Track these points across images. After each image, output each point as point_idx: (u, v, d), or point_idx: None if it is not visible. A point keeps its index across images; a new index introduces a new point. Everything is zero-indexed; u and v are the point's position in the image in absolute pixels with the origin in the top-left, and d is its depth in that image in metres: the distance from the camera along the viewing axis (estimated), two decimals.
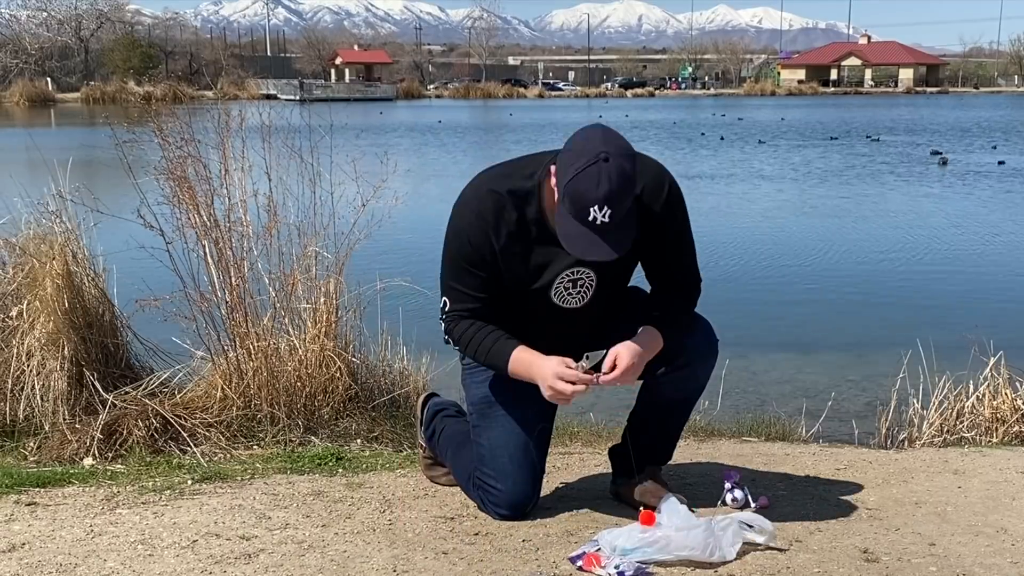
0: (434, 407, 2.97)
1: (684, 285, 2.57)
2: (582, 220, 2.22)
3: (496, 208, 2.41)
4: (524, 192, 2.41)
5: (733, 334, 5.18)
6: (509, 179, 2.43)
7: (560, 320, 2.55)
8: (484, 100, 65.48)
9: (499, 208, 2.41)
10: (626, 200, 2.23)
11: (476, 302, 2.48)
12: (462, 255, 2.45)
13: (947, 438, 3.55)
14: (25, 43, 62.33)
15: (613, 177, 2.19)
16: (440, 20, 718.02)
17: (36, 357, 3.44)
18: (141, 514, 2.67)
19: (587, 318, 2.57)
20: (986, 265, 8.90)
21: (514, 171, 2.46)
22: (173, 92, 24.17)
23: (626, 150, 2.25)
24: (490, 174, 2.49)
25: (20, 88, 52.13)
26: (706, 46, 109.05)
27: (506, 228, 2.41)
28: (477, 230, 2.41)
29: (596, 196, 2.19)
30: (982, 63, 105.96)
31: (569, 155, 2.25)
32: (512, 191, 2.41)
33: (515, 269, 2.46)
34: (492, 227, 2.41)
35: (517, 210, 2.41)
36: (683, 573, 2.31)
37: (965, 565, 2.36)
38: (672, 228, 2.48)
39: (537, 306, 2.52)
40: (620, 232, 2.25)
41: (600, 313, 2.57)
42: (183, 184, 3.38)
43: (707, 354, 2.62)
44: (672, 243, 2.51)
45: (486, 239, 2.42)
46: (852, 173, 16.89)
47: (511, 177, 2.44)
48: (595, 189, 2.19)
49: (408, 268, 3.97)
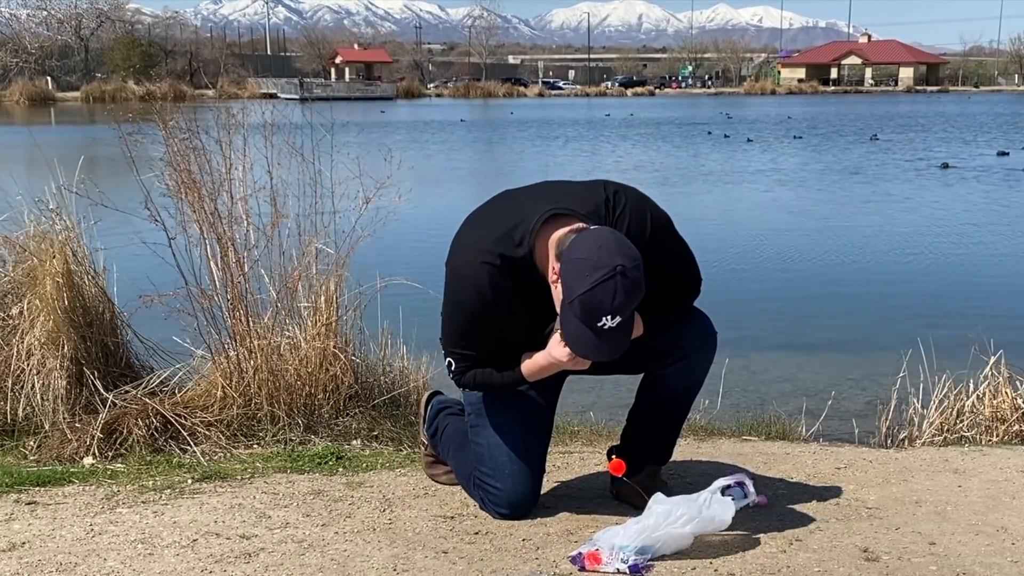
0: (438, 405, 2.98)
1: (683, 284, 2.58)
2: (591, 326, 2.26)
3: (493, 280, 2.40)
4: (518, 260, 2.41)
5: (733, 333, 5.19)
6: (499, 244, 2.41)
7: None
8: (484, 99, 65.47)
9: (495, 279, 2.40)
10: (634, 304, 2.28)
11: (478, 360, 2.54)
12: (464, 326, 2.49)
13: (947, 437, 3.55)
14: (25, 42, 62.29)
15: (629, 291, 2.23)
16: (440, 19, 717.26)
17: (36, 356, 3.44)
18: (141, 513, 2.67)
19: None
20: (986, 264, 8.90)
21: (502, 234, 2.43)
22: (174, 91, 24.17)
23: (637, 259, 2.26)
24: (478, 239, 2.46)
25: (20, 87, 52.12)
26: (706, 45, 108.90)
27: (506, 296, 2.42)
28: (477, 303, 2.43)
29: (611, 308, 2.23)
30: (982, 62, 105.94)
31: (582, 264, 2.24)
32: (505, 258, 2.40)
33: (520, 324, 2.49)
34: (491, 299, 2.42)
35: (513, 277, 2.42)
36: (683, 569, 2.31)
37: (965, 564, 2.36)
38: (662, 255, 2.47)
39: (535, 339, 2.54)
40: (623, 335, 2.30)
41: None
42: (187, 177, 3.38)
43: (706, 346, 2.63)
44: (666, 264, 2.50)
45: (487, 310, 2.43)
46: (853, 173, 16.89)
47: (501, 243, 2.41)
48: (610, 302, 2.23)
49: (409, 267, 3.96)
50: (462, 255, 2.47)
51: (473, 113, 43.70)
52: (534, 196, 2.48)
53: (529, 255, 2.40)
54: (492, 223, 2.48)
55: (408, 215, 4.27)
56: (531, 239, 2.39)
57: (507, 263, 2.40)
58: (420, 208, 10.30)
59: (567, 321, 2.31)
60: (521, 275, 2.41)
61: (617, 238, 2.29)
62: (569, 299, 2.27)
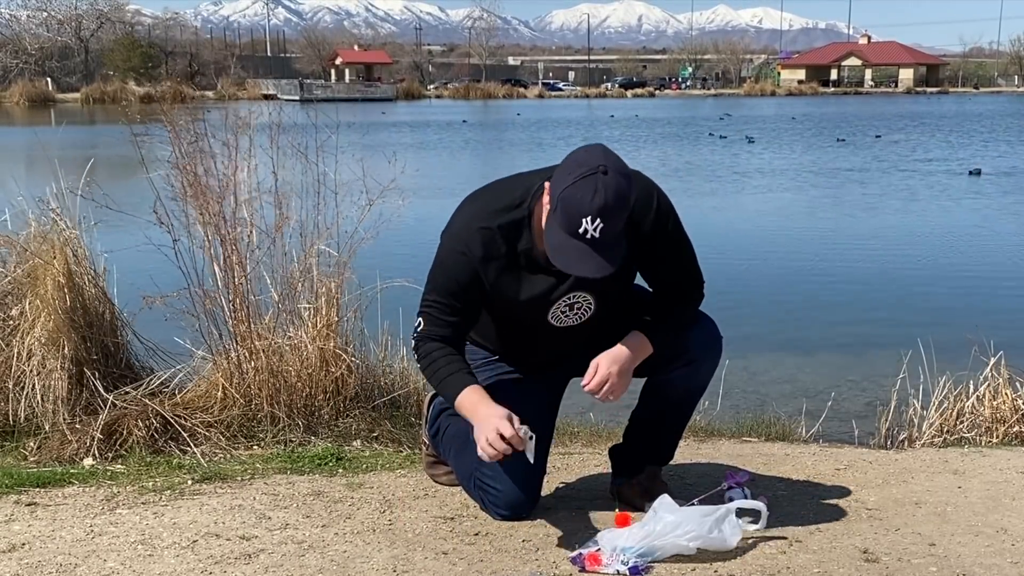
0: (439, 405, 2.97)
1: (685, 287, 2.57)
2: (572, 232, 2.18)
3: (485, 244, 2.38)
4: (514, 223, 2.38)
5: (733, 334, 5.15)
6: (497, 212, 2.39)
7: (556, 336, 2.56)
8: (484, 100, 65.47)
9: (488, 244, 2.38)
10: (619, 218, 2.20)
11: (449, 328, 2.47)
12: (445, 287, 2.44)
13: (947, 438, 3.55)
14: (25, 43, 62.33)
15: (610, 191, 2.16)
16: (440, 20, 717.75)
17: (36, 357, 3.44)
18: (141, 514, 2.67)
19: (584, 332, 2.57)
20: (986, 265, 8.90)
21: (503, 200, 2.41)
22: (175, 92, 24.14)
23: (625, 169, 2.23)
24: (478, 206, 2.45)
25: (20, 88, 52.11)
26: (706, 46, 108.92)
27: (496, 263, 2.40)
28: (463, 266, 2.40)
29: (590, 207, 2.15)
30: (982, 63, 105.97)
31: (567, 165, 2.24)
32: (502, 225, 2.38)
33: (506, 299, 2.46)
34: (480, 263, 2.39)
35: (507, 243, 2.39)
36: (683, 571, 2.31)
37: (965, 565, 2.36)
38: (665, 241, 2.47)
39: (534, 326, 2.53)
40: (610, 251, 2.21)
41: (598, 325, 2.57)
42: (193, 180, 3.38)
43: (712, 350, 2.63)
44: (668, 254, 2.50)
45: (474, 276, 2.41)
46: (852, 173, 16.88)
47: (500, 209, 2.40)
48: (590, 201, 2.15)
49: (409, 268, 3.96)
50: (459, 221, 2.44)
51: (474, 114, 43.70)
52: (538, 171, 2.48)
53: (528, 217, 2.38)
54: (491, 195, 2.48)
55: (409, 216, 4.26)
56: (532, 199, 2.37)
57: (503, 228, 2.37)
58: (420, 208, 10.29)
59: (551, 234, 2.24)
60: (513, 243, 2.38)
61: (606, 149, 2.25)
62: (553, 207, 2.22)
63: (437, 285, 2.46)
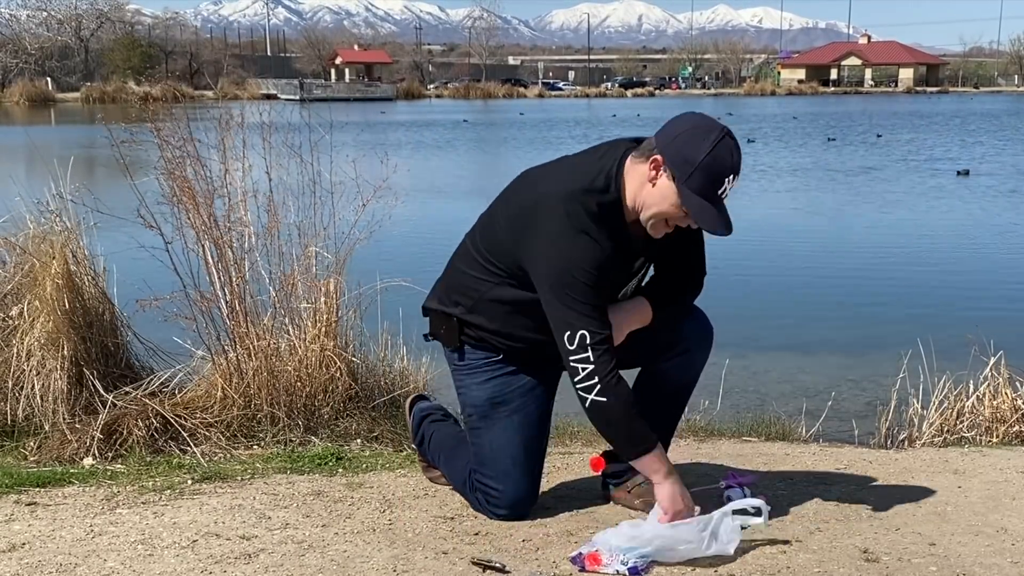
0: (420, 413, 2.97)
1: (699, 276, 2.62)
2: (710, 195, 2.28)
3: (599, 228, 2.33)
4: (611, 204, 2.35)
5: (734, 334, 5.19)
6: (591, 196, 2.34)
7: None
8: (484, 100, 65.46)
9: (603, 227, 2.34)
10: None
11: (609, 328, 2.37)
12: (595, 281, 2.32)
13: (947, 438, 3.55)
14: (25, 43, 62.33)
15: (737, 152, 2.31)
16: (440, 20, 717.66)
17: (36, 357, 3.44)
18: (141, 514, 2.67)
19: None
20: (986, 265, 8.90)
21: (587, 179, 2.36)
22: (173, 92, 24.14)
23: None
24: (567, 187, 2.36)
25: (20, 88, 52.17)
26: (706, 46, 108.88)
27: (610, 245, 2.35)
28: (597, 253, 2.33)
29: (732, 166, 2.29)
30: (982, 63, 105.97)
31: (690, 136, 2.29)
32: (602, 204, 2.34)
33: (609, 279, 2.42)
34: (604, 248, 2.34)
35: (611, 225, 2.36)
36: (683, 572, 2.31)
37: (965, 565, 2.36)
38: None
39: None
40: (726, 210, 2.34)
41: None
42: (182, 184, 3.38)
43: (705, 340, 2.65)
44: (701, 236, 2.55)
45: (608, 260, 2.35)
46: (853, 173, 16.88)
47: (593, 192, 2.34)
48: (730, 160, 2.29)
49: (409, 268, 3.96)
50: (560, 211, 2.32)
51: (475, 114, 43.69)
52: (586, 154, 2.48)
53: (618, 198, 2.37)
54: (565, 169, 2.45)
55: (410, 216, 4.27)
56: (616, 181, 2.36)
57: (604, 208, 2.34)
58: (421, 209, 10.31)
59: (687, 200, 2.29)
60: (616, 224, 2.37)
61: (705, 115, 2.37)
62: (687, 174, 2.27)
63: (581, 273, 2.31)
